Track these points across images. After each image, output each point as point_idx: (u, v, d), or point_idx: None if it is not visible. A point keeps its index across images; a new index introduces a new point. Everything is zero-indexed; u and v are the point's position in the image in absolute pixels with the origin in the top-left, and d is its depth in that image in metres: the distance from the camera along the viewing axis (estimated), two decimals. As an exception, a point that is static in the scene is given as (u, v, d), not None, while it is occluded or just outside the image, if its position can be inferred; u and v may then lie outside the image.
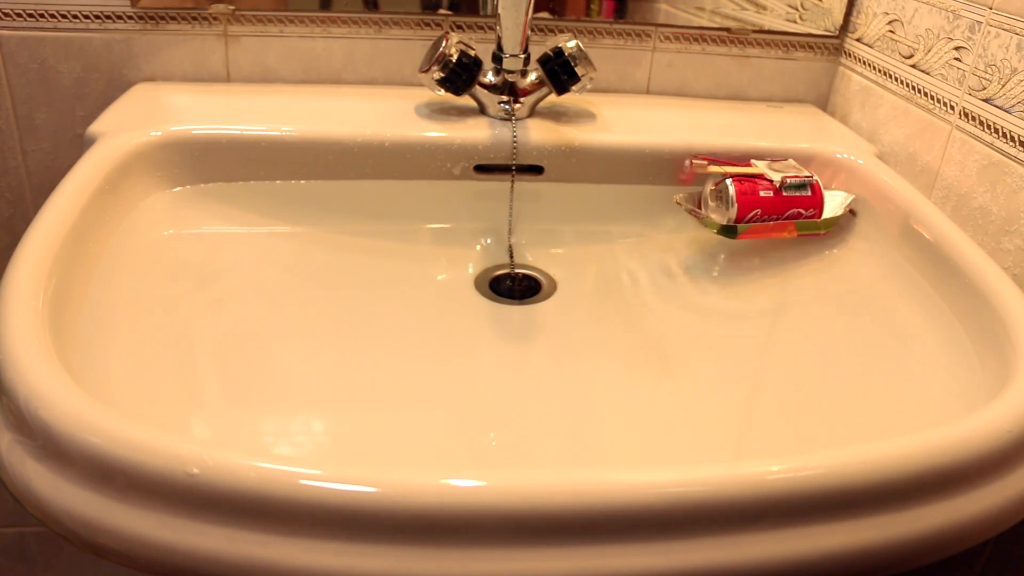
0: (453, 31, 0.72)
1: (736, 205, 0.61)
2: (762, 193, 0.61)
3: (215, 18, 0.71)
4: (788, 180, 0.61)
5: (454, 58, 0.65)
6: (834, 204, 0.63)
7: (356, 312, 0.59)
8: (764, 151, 0.68)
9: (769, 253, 0.65)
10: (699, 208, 0.64)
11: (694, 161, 0.65)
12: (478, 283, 0.63)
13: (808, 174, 0.63)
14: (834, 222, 0.63)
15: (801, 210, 0.61)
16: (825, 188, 0.64)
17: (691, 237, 0.68)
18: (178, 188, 0.62)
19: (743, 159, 0.65)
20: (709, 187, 0.64)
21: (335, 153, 0.64)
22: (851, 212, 0.64)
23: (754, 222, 0.61)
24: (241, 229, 0.62)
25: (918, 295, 0.57)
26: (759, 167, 0.63)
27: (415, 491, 0.34)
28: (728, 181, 0.62)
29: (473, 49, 0.66)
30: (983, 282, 0.52)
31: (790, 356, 0.57)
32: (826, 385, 0.54)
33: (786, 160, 0.65)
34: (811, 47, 0.79)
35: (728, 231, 0.62)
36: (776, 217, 0.61)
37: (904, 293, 0.58)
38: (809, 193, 0.62)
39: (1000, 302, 0.50)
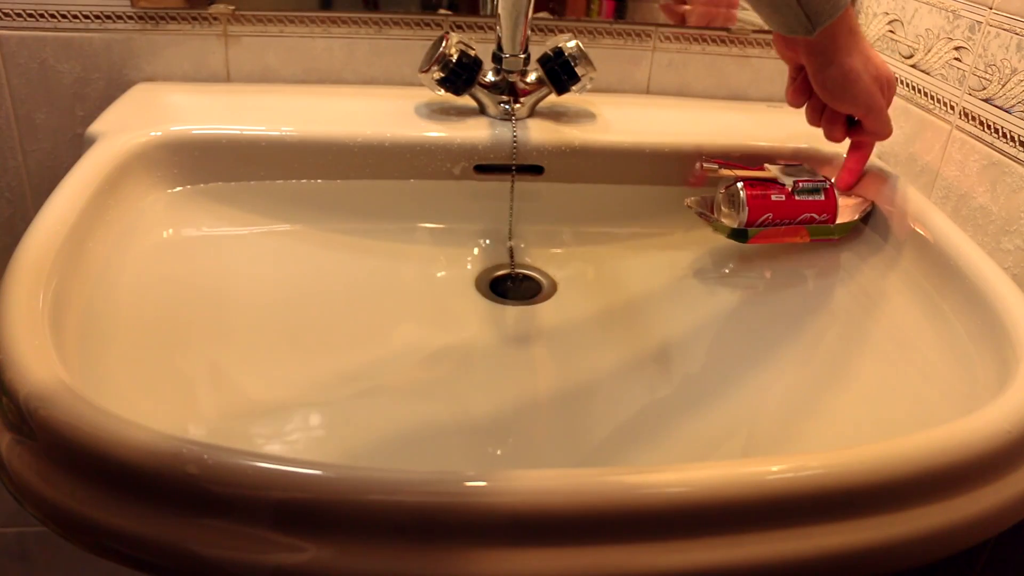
0: (453, 31, 0.72)
1: (747, 208, 0.60)
2: (774, 197, 0.60)
3: (215, 18, 0.71)
4: (801, 184, 0.60)
5: (454, 58, 0.65)
6: (848, 209, 0.63)
7: (356, 312, 0.59)
8: (765, 151, 0.68)
9: (768, 253, 0.65)
10: (711, 212, 0.63)
11: (704, 164, 0.64)
12: (478, 283, 0.63)
13: (822, 178, 0.62)
14: (848, 228, 0.62)
15: (814, 215, 0.61)
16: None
17: (692, 237, 0.68)
18: (178, 188, 0.62)
19: (756, 163, 0.65)
20: (721, 191, 0.63)
21: (335, 153, 0.64)
22: (862, 220, 0.63)
23: (766, 226, 0.61)
24: (241, 229, 0.62)
25: (918, 295, 0.57)
26: (772, 171, 0.63)
27: (415, 491, 0.34)
28: (739, 184, 0.61)
29: (473, 49, 0.66)
30: (983, 282, 0.52)
31: (789, 356, 0.57)
32: (826, 385, 0.54)
33: (800, 165, 0.64)
34: (811, 47, 0.79)
35: (739, 235, 0.61)
36: (788, 222, 0.61)
37: (904, 293, 0.58)
38: (823, 198, 0.61)
39: (1000, 302, 0.50)
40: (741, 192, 0.60)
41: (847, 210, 0.63)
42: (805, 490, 0.36)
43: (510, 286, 0.63)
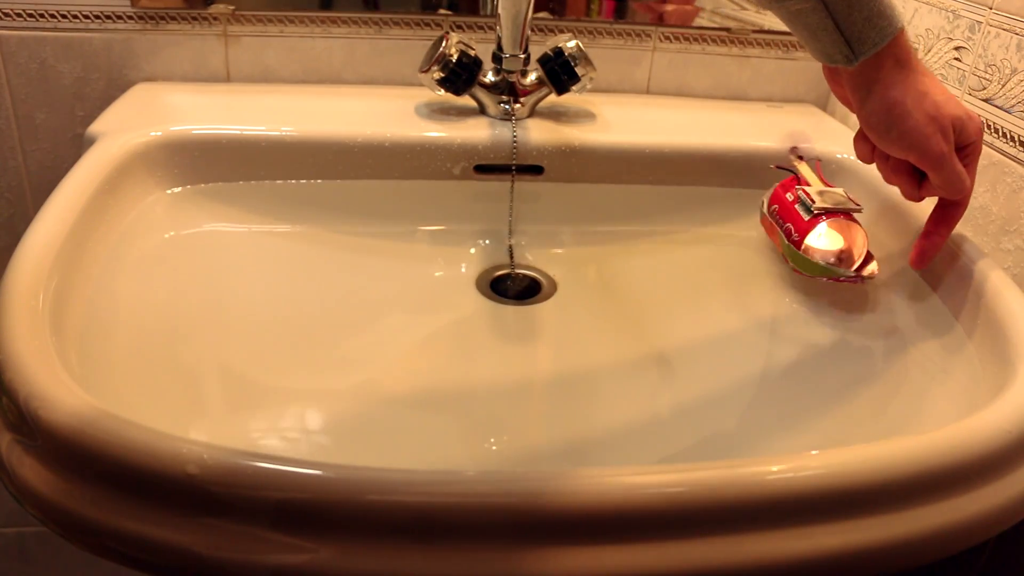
0: (453, 31, 0.72)
1: (771, 192, 0.62)
2: (788, 196, 0.60)
3: (215, 18, 0.71)
4: (801, 194, 0.59)
5: (454, 58, 0.65)
6: (825, 251, 0.58)
7: (356, 312, 0.59)
8: (764, 151, 0.68)
9: (768, 253, 0.65)
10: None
11: (794, 151, 0.65)
12: (478, 283, 0.63)
13: (824, 207, 0.57)
14: (806, 266, 0.58)
15: (792, 229, 0.59)
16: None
17: (692, 236, 0.68)
18: (178, 188, 0.62)
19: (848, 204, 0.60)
20: None
21: (335, 153, 0.64)
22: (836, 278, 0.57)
23: (771, 214, 0.62)
24: (241, 229, 0.62)
25: (918, 295, 0.57)
26: (823, 187, 0.60)
27: (415, 491, 0.34)
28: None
29: (473, 49, 0.66)
30: (983, 282, 0.52)
31: (790, 356, 0.57)
32: (826, 385, 0.54)
33: (859, 209, 0.58)
34: (811, 47, 0.79)
35: (760, 211, 0.64)
36: (780, 222, 0.61)
37: (904, 293, 0.58)
38: (806, 218, 0.58)
39: (1000, 302, 0.50)
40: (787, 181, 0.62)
41: (825, 251, 0.58)
42: (805, 490, 0.36)
43: (510, 286, 0.63)
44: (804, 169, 0.63)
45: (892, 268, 0.60)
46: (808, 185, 0.61)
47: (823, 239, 0.58)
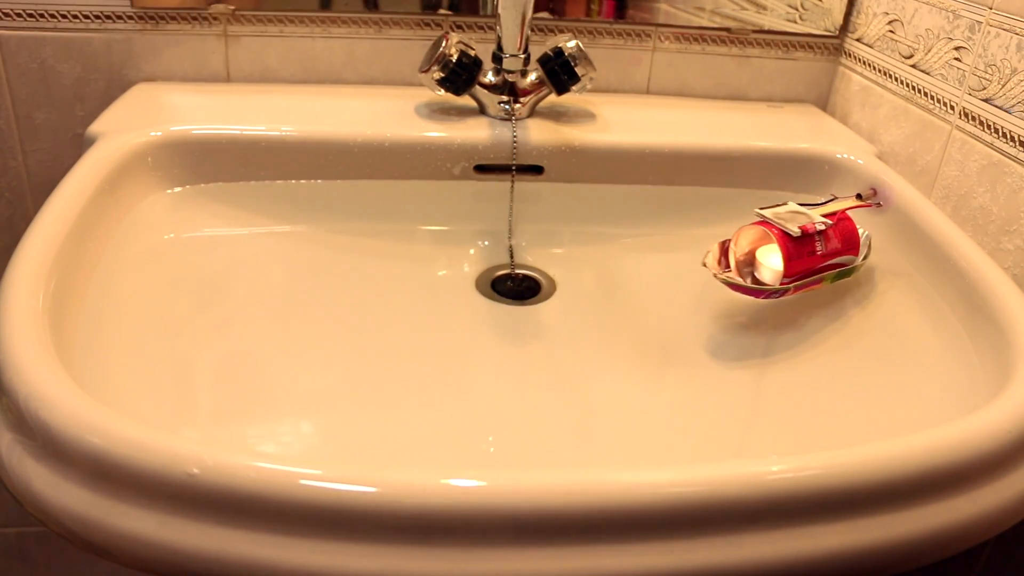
0: (453, 31, 0.72)
1: None
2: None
3: (215, 18, 0.71)
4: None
5: (454, 58, 0.65)
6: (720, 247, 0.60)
7: (356, 313, 0.59)
8: (764, 151, 0.68)
9: (769, 253, 0.65)
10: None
11: (877, 191, 0.65)
12: (478, 283, 0.63)
13: (764, 214, 0.58)
14: None
15: None
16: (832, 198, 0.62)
17: (691, 237, 0.68)
18: (178, 188, 0.62)
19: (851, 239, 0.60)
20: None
21: (335, 153, 0.64)
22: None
23: None
24: (241, 229, 0.62)
25: (918, 295, 0.57)
26: (805, 210, 0.60)
27: (415, 491, 0.34)
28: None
29: (473, 49, 0.66)
30: (983, 282, 0.52)
31: (790, 356, 0.57)
32: (826, 385, 0.54)
33: (796, 233, 0.58)
34: (811, 47, 0.79)
35: None
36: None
37: (904, 293, 0.58)
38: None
39: (1000, 302, 0.50)
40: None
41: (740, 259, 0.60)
42: (805, 490, 0.36)
43: (510, 286, 0.63)
44: (845, 200, 0.63)
45: (893, 268, 0.60)
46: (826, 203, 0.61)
47: (741, 239, 0.59)
